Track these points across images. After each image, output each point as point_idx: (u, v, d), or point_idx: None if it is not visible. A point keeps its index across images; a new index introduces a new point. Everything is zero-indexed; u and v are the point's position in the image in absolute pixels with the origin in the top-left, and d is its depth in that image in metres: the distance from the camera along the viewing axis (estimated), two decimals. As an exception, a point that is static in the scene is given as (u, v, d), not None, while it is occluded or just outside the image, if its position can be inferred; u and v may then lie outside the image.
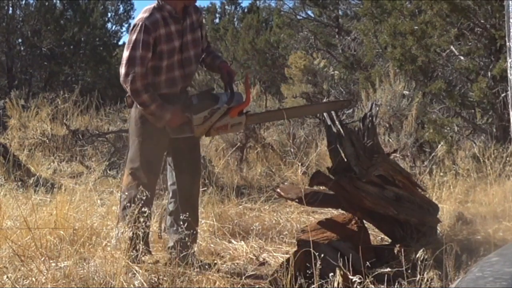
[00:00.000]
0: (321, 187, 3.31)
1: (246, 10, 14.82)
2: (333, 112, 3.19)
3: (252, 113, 3.43)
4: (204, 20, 3.33)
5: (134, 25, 3.01)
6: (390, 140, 5.36)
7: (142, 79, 2.97)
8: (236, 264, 3.25)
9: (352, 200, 3.13)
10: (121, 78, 3.00)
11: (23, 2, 12.57)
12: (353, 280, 2.50)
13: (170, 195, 3.31)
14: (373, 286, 2.62)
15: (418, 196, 3.33)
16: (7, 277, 2.57)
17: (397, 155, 5.04)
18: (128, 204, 3.00)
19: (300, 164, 5.04)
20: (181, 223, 2.89)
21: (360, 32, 6.99)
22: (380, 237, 3.54)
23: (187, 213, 2.93)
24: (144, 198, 2.91)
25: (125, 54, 3.00)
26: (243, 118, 3.12)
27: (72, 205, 3.49)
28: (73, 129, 6.93)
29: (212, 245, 3.50)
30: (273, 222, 3.85)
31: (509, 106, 3.25)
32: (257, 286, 2.80)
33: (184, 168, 3.22)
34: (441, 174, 4.48)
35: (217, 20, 14.89)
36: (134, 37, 2.98)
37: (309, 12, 11.03)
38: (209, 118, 3.04)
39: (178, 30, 3.07)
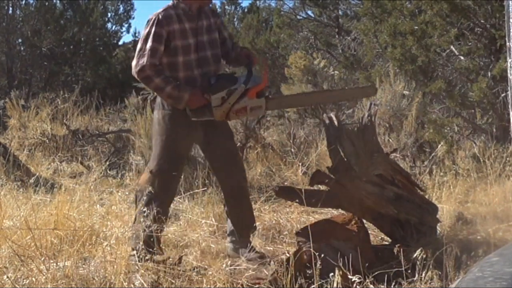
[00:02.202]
0: (321, 187, 3.31)
1: (246, 10, 14.82)
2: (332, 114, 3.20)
3: (272, 97, 3.36)
4: (222, 23, 3.39)
5: (148, 20, 3.10)
6: (390, 140, 5.36)
7: (151, 67, 3.04)
8: (236, 264, 3.24)
9: (353, 199, 3.13)
10: (132, 71, 3.11)
11: (23, 2, 12.57)
12: (353, 280, 2.50)
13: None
14: (373, 286, 2.62)
15: (417, 196, 3.34)
16: (7, 277, 2.57)
17: (397, 155, 5.04)
18: (145, 203, 3.05)
19: (300, 164, 5.04)
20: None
21: (360, 32, 6.98)
22: (380, 237, 3.54)
23: (236, 210, 3.25)
24: (162, 196, 3.04)
25: (138, 47, 3.12)
26: (262, 101, 3.08)
27: (72, 205, 3.49)
28: (73, 129, 6.93)
29: (212, 245, 3.50)
30: (273, 222, 3.84)
31: (509, 106, 3.25)
32: (257, 286, 2.80)
33: (221, 166, 3.27)
34: (441, 174, 4.48)
35: (217, 20, 14.86)
36: (146, 31, 3.08)
37: (309, 12, 11.03)
38: (227, 99, 3.01)
39: (193, 28, 3.14)
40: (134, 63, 3.11)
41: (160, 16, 3.07)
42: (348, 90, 3.72)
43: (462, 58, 5.84)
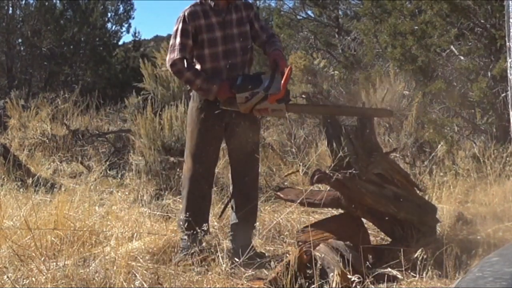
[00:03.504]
0: (321, 186, 3.31)
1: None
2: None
3: (292, 103, 3.52)
4: (255, 15, 3.51)
5: (177, 18, 3.34)
6: (390, 140, 5.36)
7: (182, 61, 3.26)
8: (236, 264, 3.24)
9: (353, 198, 3.13)
10: (167, 65, 3.37)
11: (23, 2, 12.57)
12: (353, 280, 2.50)
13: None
14: (373, 286, 2.62)
15: (416, 196, 3.34)
16: (7, 277, 2.57)
17: (397, 155, 5.04)
18: (183, 189, 3.40)
19: (301, 164, 5.03)
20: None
21: (360, 32, 6.99)
22: (380, 237, 3.54)
23: (240, 203, 3.36)
24: (194, 183, 3.30)
25: (170, 43, 3.35)
26: (282, 106, 3.20)
27: (72, 205, 3.49)
28: (73, 129, 6.93)
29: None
30: (273, 222, 3.84)
31: (509, 106, 3.25)
32: (256, 286, 2.80)
33: (238, 155, 3.40)
34: (441, 174, 4.48)
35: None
36: (175, 28, 3.32)
37: (309, 12, 11.03)
38: (250, 99, 3.17)
39: (219, 22, 3.31)
40: (167, 58, 3.35)
41: (186, 13, 3.29)
42: (365, 109, 3.80)
43: (462, 58, 5.83)
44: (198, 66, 3.32)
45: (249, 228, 3.41)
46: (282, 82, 3.14)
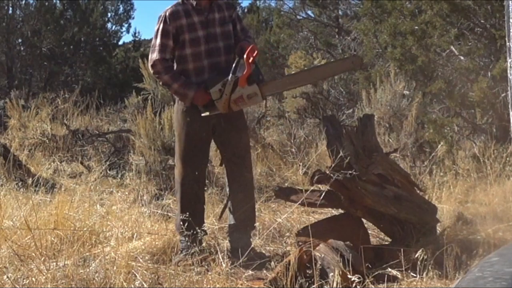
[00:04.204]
0: (321, 187, 3.31)
1: (246, 10, 14.82)
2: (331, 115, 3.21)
3: (265, 82, 3.41)
4: (238, 17, 3.51)
5: (158, 18, 3.31)
6: (390, 140, 5.36)
7: (162, 63, 3.26)
8: (236, 264, 3.24)
9: (353, 198, 3.14)
10: (148, 65, 3.39)
11: (23, 2, 12.59)
12: (353, 280, 2.50)
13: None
14: (373, 286, 2.62)
15: (416, 196, 3.34)
16: (7, 277, 2.57)
17: (397, 155, 5.03)
18: (176, 193, 3.41)
19: (301, 164, 5.04)
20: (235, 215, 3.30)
21: (360, 32, 6.99)
22: (380, 237, 3.54)
23: (237, 206, 3.32)
24: (188, 188, 3.30)
25: (151, 43, 3.36)
26: (255, 87, 3.19)
27: (72, 205, 3.49)
28: (73, 129, 6.93)
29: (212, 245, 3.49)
30: (273, 222, 3.84)
31: (509, 106, 3.25)
32: (257, 286, 2.80)
33: (230, 157, 3.37)
34: (441, 174, 4.48)
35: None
36: (156, 27, 3.30)
37: (309, 12, 11.06)
38: (223, 90, 3.17)
39: (202, 21, 3.29)
40: (149, 58, 3.34)
41: (167, 13, 3.27)
42: (333, 65, 3.73)
43: (462, 58, 5.83)
44: (180, 67, 3.30)
45: (248, 229, 3.40)
46: (245, 58, 3.13)
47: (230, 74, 3.17)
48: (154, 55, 3.27)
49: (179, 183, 3.36)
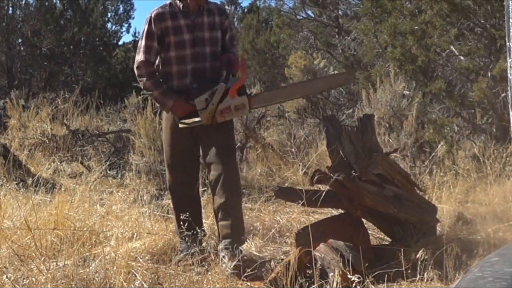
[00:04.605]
0: (321, 187, 3.31)
1: (246, 10, 14.83)
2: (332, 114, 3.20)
3: (254, 94, 3.41)
4: (229, 25, 3.43)
5: (145, 19, 3.26)
6: (390, 140, 5.36)
7: (146, 66, 3.22)
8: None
9: (353, 198, 3.13)
10: (134, 67, 3.30)
11: (23, 2, 12.60)
12: (353, 280, 2.50)
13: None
14: (373, 286, 2.62)
15: (416, 196, 3.34)
16: (7, 277, 2.57)
17: (397, 155, 5.03)
18: (171, 199, 3.39)
19: (301, 164, 5.04)
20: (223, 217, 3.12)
21: (360, 32, 6.99)
22: (380, 237, 3.54)
23: (220, 209, 3.13)
24: (180, 193, 3.29)
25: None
26: (244, 99, 3.13)
27: (72, 205, 3.49)
28: (73, 129, 6.93)
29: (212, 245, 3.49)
30: (273, 222, 3.84)
31: (509, 106, 3.25)
32: (257, 286, 2.80)
33: (210, 161, 3.18)
34: (441, 174, 4.48)
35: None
36: (142, 28, 3.26)
37: (309, 12, 11.06)
38: (210, 100, 3.09)
39: (188, 24, 3.22)
40: (135, 59, 3.32)
41: (153, 15, 3.21)
42: (327, 78, 3.74)
43: (462, 58, 5.84)
44: (164, 69, 3.24)
45: (236, 241, 3.11)
46: (241, 68, 3.13)
47: (221, 83, 3.11)
48: (139, 57, 3.23)
49: (168, 188, 3.39)
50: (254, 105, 3.31)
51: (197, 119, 3.13)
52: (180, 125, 3.16)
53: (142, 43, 3.24)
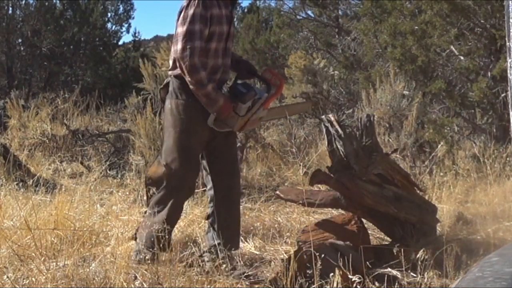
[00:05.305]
0: (321, 187, 3.31)
1: (246, 10, 14.82)
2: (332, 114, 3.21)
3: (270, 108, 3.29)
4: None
5: (190, 1, 2.79)
6: (390, 140, 5.36)
7: (201, 55, 2.77)
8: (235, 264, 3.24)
9: (353, 198, 3.13)
10: (178, 54, 2.75)
11: (23, 2, 12.60)
12: (353, 280, 2.50)
13: (208, 199, 3.16)
14: (373, 286, 2.62)
15: (416, 196, 3.34)
16: (7, 277, 2.57)
17: (397, 155, 5.04)
18: (158, 200, 2.96)
19: (301, 164, 5.04)
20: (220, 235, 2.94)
21: (360, 32, 6.99)
22: (380, 237, 3.54)
23: (227, 221, 2.98)
24: (176, 195, 2.93)
25: (181, 30, 2.76)
26: (265, 111, 2.99)
27: (72, 205, 3.49)
28: (73, 129, 6.93)
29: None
30: (273, 222, 3.84)
31: (509, 106, 3.25)
32: (256, 286, 2.80)
33: (220, 170, 3.02)
34: (441, 174, 4.48)
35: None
36: (191, 11, 2.75)
37: (309, 12, 11.05)
38: (250, 109, 2.87)
39: (227, 15, 2.90)
40: (179, 46, 2.75)
41: None
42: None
43: (462, 58, 5.84)
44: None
45: (232, 250, 3.03)
46: (279, 81, 2.98)
47: (264, 93, 2.90)
48: (194, 43, 2.72)
49: (170, 187, 2.94)
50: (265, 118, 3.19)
51: (231, 124, 2.89)
52: (211, 125, 2.87)
53: (195, 27, 2.74)
